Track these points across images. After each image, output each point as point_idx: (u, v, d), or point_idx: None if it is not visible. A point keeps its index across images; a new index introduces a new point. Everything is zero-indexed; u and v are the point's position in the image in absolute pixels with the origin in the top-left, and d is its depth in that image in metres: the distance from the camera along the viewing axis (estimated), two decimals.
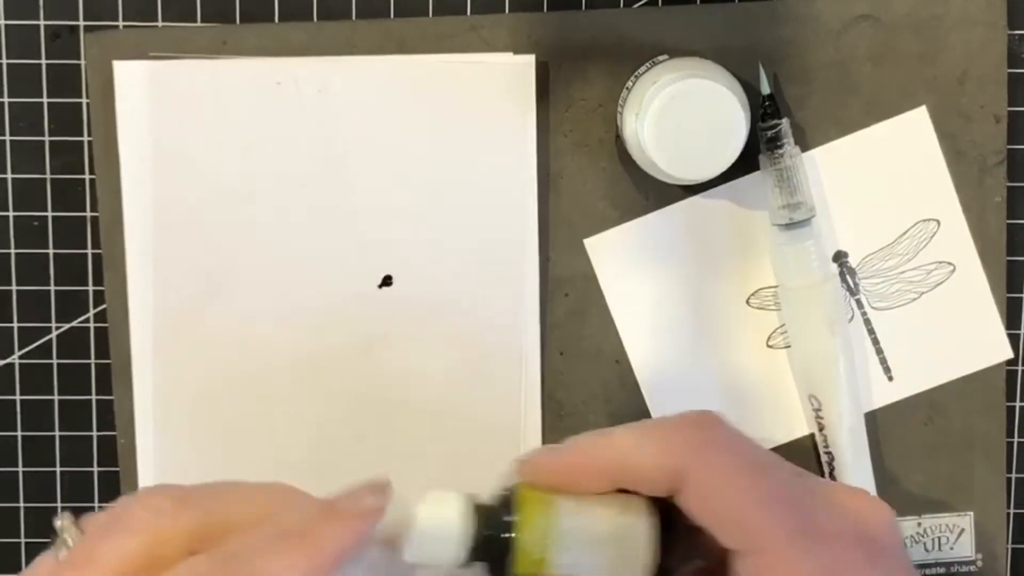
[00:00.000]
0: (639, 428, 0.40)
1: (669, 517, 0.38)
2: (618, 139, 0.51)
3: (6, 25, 0.51)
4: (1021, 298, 0.53)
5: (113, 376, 0.52)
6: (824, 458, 0.52)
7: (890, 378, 0.53)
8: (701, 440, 0.39)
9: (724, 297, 0.52)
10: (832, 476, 0.51)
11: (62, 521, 0.35)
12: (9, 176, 0.52)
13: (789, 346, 0.52)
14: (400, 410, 0.52)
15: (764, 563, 0.38)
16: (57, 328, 0.53)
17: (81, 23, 0.51)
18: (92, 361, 0.53)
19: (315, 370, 0.52)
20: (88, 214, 0.52)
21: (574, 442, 0.39)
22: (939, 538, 0.54)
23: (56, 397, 0.53)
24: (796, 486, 0.39)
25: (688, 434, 0.39)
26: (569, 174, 0.52)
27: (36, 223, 0.52)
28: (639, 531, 0.37)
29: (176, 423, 0.51)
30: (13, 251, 0.52)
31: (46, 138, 0.52)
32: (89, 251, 0.52)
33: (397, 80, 0.50)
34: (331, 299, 0.51)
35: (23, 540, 0.54)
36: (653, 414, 0.52)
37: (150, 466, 0.52)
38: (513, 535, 0.36)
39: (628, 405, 0.53)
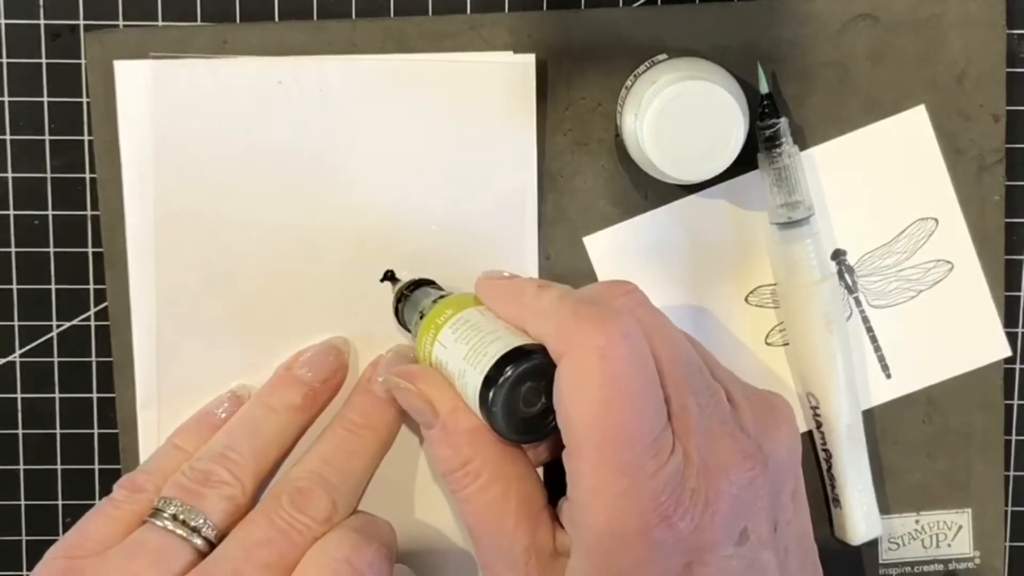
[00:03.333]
0: (555, 300, 0.43)
1: None
2: (617, 138, 0.51)
3: (6, 25, 0.51)
4: (1019, 296, 0.53)
5: (115, 374, 0.52)
6: (822, 455, 0.52)
7: (888, 376, 0.53)
8: (586, 345, 0.41)
9: (723, 295, 0.52)
10: (830, 474, 0.52)
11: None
12: (10, 175, 0.52)
13: (787, 344, 0.53)
14: None
15: (571, 469, 0.41)
16: (58, 326, 0.53)
17: (81, 23, 0.51)
18: (93, 359, 0.53)
19: None
20: (88, 213, 0.52)
21: (510, 285, 0.46)
22: (937, 535, 0.54)
23: (57, 395, 0.53)
24: (635, 443, 0.40)
25: (581, 330, 0.41)
26: (569, 173, 0.52)
27: (37, 222, 0.52)
28: (495, 350, 0.43)
29: (178, 422, 0.50)
30: (14, 250, 0.52)
31: (46, 137, 0.52)
32: (90, 249, 0.52)
33: (397, 79, 0.50)
34: (333, 295, 0.51)
35: (24, 538, 0.54)
36: None
37: None
38: (436, 303, 0.47)
39: None
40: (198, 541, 0.44)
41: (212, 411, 0.50)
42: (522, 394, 0.43)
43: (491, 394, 0.42)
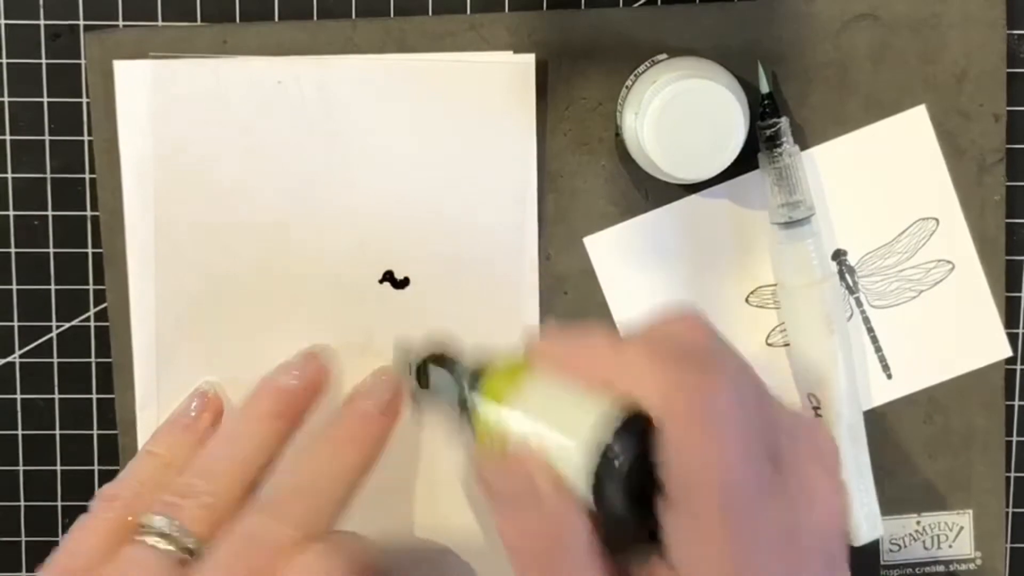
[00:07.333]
0: (644, 356, 0.40)
1: None
2: (618, 137, 0.51)
3: (6, 25, 0.51)
4: (1020, 297, 0.53)
5: (114, 374, 0.52)
6: None
7: (889, 376, 0.53)
8: (699, 404, 0.38)
9: (723, 295, 0.52)
10: None
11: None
12: (9, 175, 0.52)
13: (788, 344, 0.52)
14: None
15: (684, 531, 0.38)
16: (58, 327, 0.53)
17: (81, 23, 0.51)
18: (93, 360, 0.53)
19: None
20: (88, 213, 0.52)
21: (578, 342, 0.42)
22: (938, 536, 0.54)
23: (57, 396, 0.53)
24: (761, 492, 0.38)
25: (689, 386, 0.39)
26: (569, 172, 0.52)
27: (36, 222, 0.52)
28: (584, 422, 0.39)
29: None
30: (13, 250, 0.52)
31: (46, 137, 0.52)
32: (89, 250, 0.52)
33: (397, 79, 0.50)
34: (332, 296, 0.51)
35: (23, 539, 0.54)
36: None
37: None
38: (474, 390, 0.43)
39: None
40: (180, 552, 0.44)
41: (182, 412, 0.50)
42: (633, 472, 0.39)
43: (605, 488, 0.39)
